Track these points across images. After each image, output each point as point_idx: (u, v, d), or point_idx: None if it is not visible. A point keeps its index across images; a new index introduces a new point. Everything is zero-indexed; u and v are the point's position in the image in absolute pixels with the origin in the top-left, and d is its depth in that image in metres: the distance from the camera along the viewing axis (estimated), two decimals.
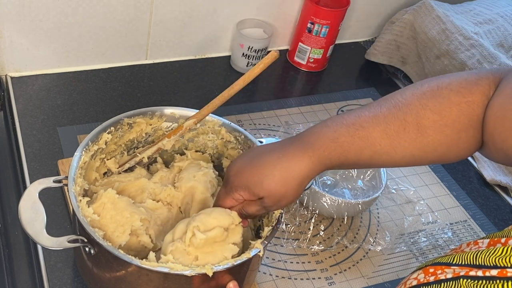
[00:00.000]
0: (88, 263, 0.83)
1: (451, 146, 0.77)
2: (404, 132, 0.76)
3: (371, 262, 1.03)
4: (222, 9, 1.32)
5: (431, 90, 0.77)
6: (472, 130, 0.75)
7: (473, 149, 0.78)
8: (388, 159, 0.78)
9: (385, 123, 0.76)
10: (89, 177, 0.89)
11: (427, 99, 0.76)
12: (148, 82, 1.29)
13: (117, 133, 0.91)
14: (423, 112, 0.75)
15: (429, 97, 0.76)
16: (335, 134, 0.77)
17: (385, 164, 0.80)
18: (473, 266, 0.58)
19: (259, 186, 0.77)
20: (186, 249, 0.78)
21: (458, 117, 0.75)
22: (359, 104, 1.35)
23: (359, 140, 0.76)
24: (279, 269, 0.99)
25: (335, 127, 0.77)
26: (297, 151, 0.77)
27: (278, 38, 1.44)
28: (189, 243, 0.78)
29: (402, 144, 0.76)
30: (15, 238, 0.98)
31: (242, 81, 0.85)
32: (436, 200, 1.17)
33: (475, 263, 0.59)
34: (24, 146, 1.09)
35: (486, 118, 0.74)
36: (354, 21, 1.50)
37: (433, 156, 0.78)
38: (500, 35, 1.34)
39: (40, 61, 1.23)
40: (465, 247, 0.65)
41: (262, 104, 1.30)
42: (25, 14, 1.14)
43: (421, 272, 0.65)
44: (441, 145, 0.76)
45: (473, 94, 0.75)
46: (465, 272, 0.58)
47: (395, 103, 0.77)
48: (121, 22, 1.23)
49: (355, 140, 0.76)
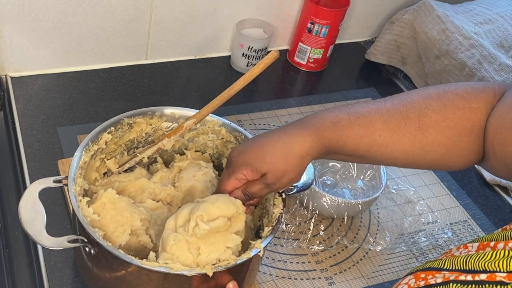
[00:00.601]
0: (88, 263, 0.83)
1: (451, 150, 0.77)
2: (405, 127, 0.77)
3: (371, 262, 1.03)
4: (222, 9, 1.32)
5: (437, 93, 0.78)
6: (473, 136, 0.76)
7: (473, 158, 0.78)
8: (387, 152, 0.79)
9: (387, 115, 0.77)
10: (89, 177, 0.89)
11: (432, 99, 0.77)
12: (148, 82, 1.29)
13: (117, 133, 0.91)
14: (426, 111, 0.76)
15: (434, 98, 0.77)
16: (336, 118, 0.79)
17: (383, 158, 0.80)
18: (463, 271, 0.59)
19: (262, 161, 0.79)
20: (189, 239, 0.78)
21: (460, 121, 0.75)
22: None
23: (359, 127, 0.78)
24: (279, 269, 0.99)
25: (337, 112, 0.80)
26: (298, 130, 0.79)
27: (278, 38, 1.44)
28: (192, 233, 0.78)
29: (401, 139, 0.77)
30: (15, 238, 0.98)
31: (242, 81, 0.85)
32: (436, 200, 1.17)
33: (465, 267, 0.59)
34: (24, 146, 1.09)
35: (487, 126, 0.75)
36: (354, 21, 1.50)
37: (432, 157, 0.78)
38: (500, 35, 1.34)
39: (40, 61, 1.23)
40: (455, 251, 0.66)
41: (262, 104, 1.30)
42: (25, 14, 1.14)
43: (412, 277, 0.65)
44: (441, 146, 0.77)
45: (477, 101, 0.76)
46: (454, 277, 0.58)
47: (399, 100, 0.79)
48: (121, 22, 1.23)
49: (355, 127, 0.78)
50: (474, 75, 1.25)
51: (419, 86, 1.41)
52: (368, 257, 1.04)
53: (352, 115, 0.79)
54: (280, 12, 1.39)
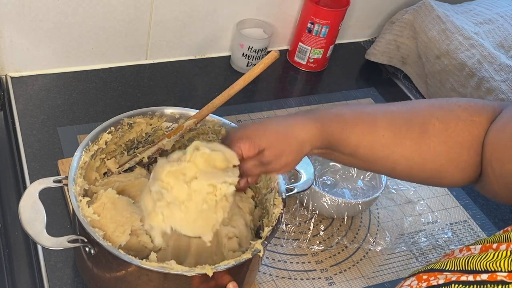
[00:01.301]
0: (88, 263, 0.83)
1: (450, 161, 0.77)
2: (407, 132, 0.77)
3: (371, 262, 1.03)
4: (222, 9, 1.31)
5: (441, 103, 0.79)
6: (472, 151, 0.76)
7: (471, 174, 0.78)
8: (388, 155, 0.78)
9: (392, 117, 0.78)
10: (89, 177, 0.89)
11: (436, 108, 0.78)
12: (148, 82, 1.29)
13: (117, 133, 0.91)
14: (430, 118, 0.77)
15: (438, 107, 0.78)
16: (341, 112, 0.80)
17: (383, 161, 0.80)
18: (465, 271, 0.59)
19: (262, 135, 0.78)
20: (186, 165, 0.76)
21: (462, 132, 0.76)
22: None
23: (363, 124, 0.78)
24: (279, 269, 0.99)
25: (342, 108, 0.81)
26: (302, 117, 0.80)
27: (278, 38, 1.44)
28: (190, 159, 0.77)
29: (404, 142, 0.77)
30: (15, 238, 0.98)
31: (242, 81, 0.85)
32: (436, 200, 1.17)
33: (467, 268, 0.59)
34: (24, 146, 1.09)
35: (485, 141, 0.75)
36: (354, 21, 1.50)
37: (431, 167, 0.78)
38: (500, 35, 1.34)
39: (40, 61, 1.23)
40: (457, 253, 0.66)
41: (262, 104, 1.30)
42: (25, 14, 1.14)
43: (414, 279, 0.65)
44: (441, 156, 0.77)
45: (479, 115, 0.76)
46: (456, 277, 0.58)
47: (404, 105, 0.80)
48: (121, 22, 1.23)
49: (359, 123, 0.78)
50: (474, 75, 1.25)
51: (419, 86, 1.41)
52: (368, 257, 1.04)
53: (357, 112, 0.79)
54: (280, 12, 1.39)
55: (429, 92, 1.37)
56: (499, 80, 1.21)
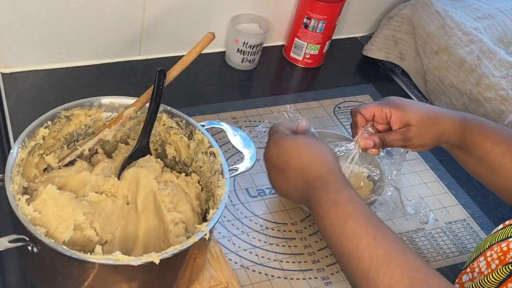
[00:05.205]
0: (33, 262, 0.81)
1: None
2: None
3: None
4: (216, 4, 1.30)
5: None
6: None
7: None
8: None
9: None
10: (28, 174, 0.87)
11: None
12: (141, 78, 1.28)
13: (55, 127, 0.89)
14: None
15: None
16: (486, 121, 0.90)
17: (510, 171, 0.88)
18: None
19: (414, 112, 0.89)
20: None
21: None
22: (356, 101, 1.34)
23: (501, 134, 0.87)
24: (275, 269, 0.98)
25: (488, 120, 0.93)
26: (450, 110, 0.91)
27: (273, 34, 1.43)
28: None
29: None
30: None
31: (179, 65, 0.84)
32: (435, 199, 1.15)
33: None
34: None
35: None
36: (351, 16, 1.49)
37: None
38: (500, 30, 1.33)
39: (31, 57, 1.21)
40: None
41: (257, 100, 1.28)
42: (16, 9, 1.12)
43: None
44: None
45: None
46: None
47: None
48: (114, 17, 1.22)
49: (498, 133, 0.87)
50: (474, 71, 1.23)
51: (417, 83, 1.40)
52: None
53: (499, 125, 0.93)
54: (275, 7, 1.38)
55: (427, 89, 1.36)
56: (499, 76, 1.20)
